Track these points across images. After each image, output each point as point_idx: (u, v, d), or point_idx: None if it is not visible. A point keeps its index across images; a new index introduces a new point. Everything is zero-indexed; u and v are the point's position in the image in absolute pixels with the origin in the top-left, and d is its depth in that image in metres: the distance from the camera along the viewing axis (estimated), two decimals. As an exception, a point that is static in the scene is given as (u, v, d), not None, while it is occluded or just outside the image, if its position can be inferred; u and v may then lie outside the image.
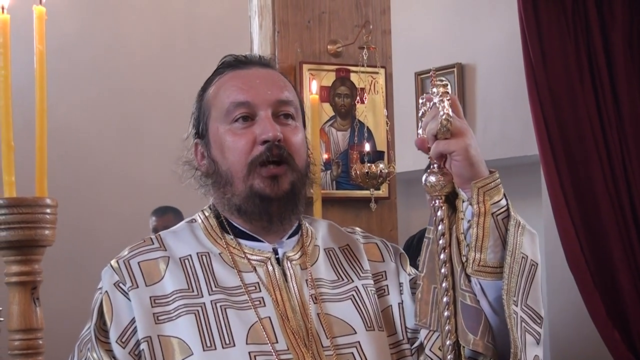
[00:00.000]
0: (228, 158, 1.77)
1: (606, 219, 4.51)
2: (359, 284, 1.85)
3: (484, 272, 1.67)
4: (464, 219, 1.70)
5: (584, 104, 4.61)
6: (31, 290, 1.56)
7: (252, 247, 1.81)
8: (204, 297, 1.72)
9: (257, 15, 4.02)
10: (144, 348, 1.67)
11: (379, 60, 4.02)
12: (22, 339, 1.57)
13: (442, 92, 1.64)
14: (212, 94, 1.83)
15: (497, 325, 1.70)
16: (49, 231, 1.55)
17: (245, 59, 1.88)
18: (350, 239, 1.95)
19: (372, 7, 4.09)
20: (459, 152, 1.63)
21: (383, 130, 4.03)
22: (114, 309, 1.71)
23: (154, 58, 6.43)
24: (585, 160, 4.57)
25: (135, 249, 1.79)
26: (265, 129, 1.74)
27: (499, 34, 5.52)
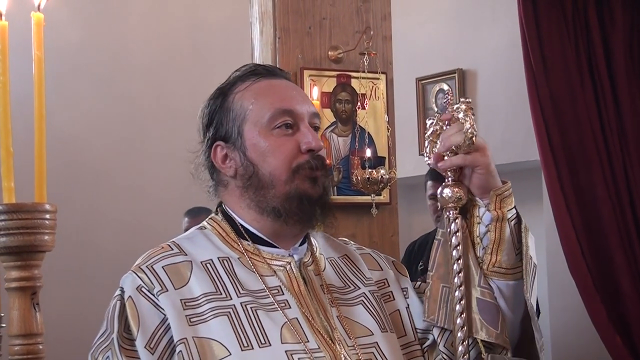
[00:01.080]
0: (271, 162, 1.81)
1: (607, 224, 4.51)
2: (365, 290, 1.92)
3: (499, 273, 1.85)
4: (480, 223, 1.85)
5: (585, 108, 4.61)
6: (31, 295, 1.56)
7: (270, 253, 1.85)
8: (233, 300, 1.75)
9: (258, 22, 4.04)
10: (181, 350, 1.68)
11: (380, 66, 4.04)
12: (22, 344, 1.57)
13: (466, 108, 1.78)
14: (248, 99, 1.86)
15: (511, 322, 1.87)
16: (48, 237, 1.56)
17: (273, 70, 1.95)
18: (346, 249, 2.02)
19: (373, 13, 4.11)
20: (483, 166, 1.80)
21: (384, 135, 4.04)
22: (140, 315, 1.72)
23: (156, 64, 6.44)
24: (586, 165, 4.57)
25: (155, 255, 1.82)
26: (311, 139, 1.82)
27: (500, 39, 5.53)
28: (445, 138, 1.80)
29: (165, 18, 6.55)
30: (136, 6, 6.47)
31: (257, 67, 1.94)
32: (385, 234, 4.09)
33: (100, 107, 6.20)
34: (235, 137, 1.86)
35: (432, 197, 4.52)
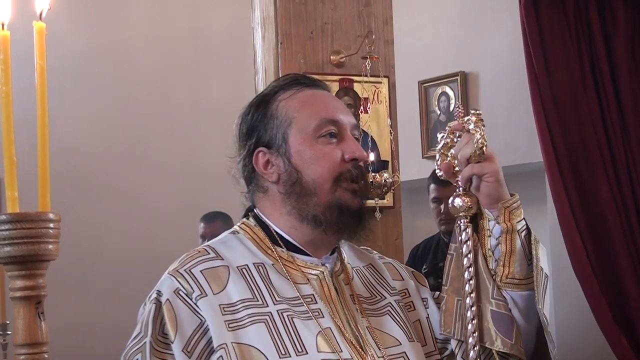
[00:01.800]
0: (315, 170, 1.85)
1: (612, 225, 4.50)
2: (391, 300, 1.96)
3: (512, 284, 1.89)
4: (491, 236, 1.90)
5: (588, 110, 4.60)
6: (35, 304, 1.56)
7: (304, 260, 1.88)
8: (270, 307, 1.78)
9: (260, 27, 4.04)
10: (221, 355, 1.70)
11: (382, 69, 4.04)
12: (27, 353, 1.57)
13: (477, 120, 1.84)
14: (294, 107, 1.90)
15: (525, 331, 1.90)
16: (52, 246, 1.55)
17: (314, 81, 2.00)
18: (371, 258, 2.06)
19: (375, 17, 4.11)
20: (491, 174, 1.84)
21: (387, 139, 4.04)
22: (178, 318, 1.74)
23: (158, 71, 6.45)
24: (589, 167, 4.56)
25: (193, 259, 1.84)
26: (355, 149, 1.88)
27: (502, 41, 5.53)
28: (456, 150, 1.86)
29: (167, 24, 6.56)
30: (138, 13, 6.49)
31: (299, 77, 1.99)
32: (389, 237, 4.09)
33: (103, 115, 6.21)
34: (280, 144, 1.89)
35: (435, 200, 4.52)
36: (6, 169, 1.48)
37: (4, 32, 1.46)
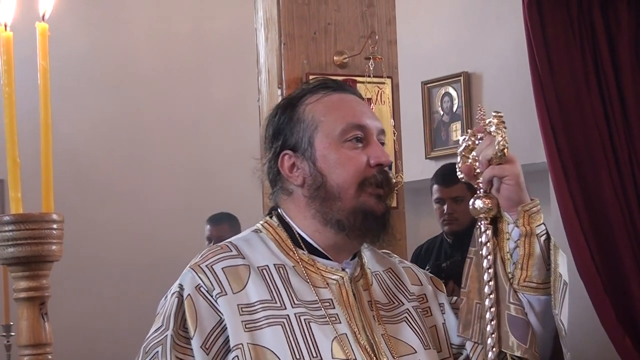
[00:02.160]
0: (340, 174, 1.87)
1: (615, 226, 4.49)
2: (409, 306, 1.98)
3: (529, 288, 1.89)
4: (509, 239, 1.91)
5: (591, 110, 4.60)
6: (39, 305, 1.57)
7: (325, 264, 1.90)
8: (287, 310, 1.80)
9: (263, 28, 4.04)
10: (237, 355, 1.73)
11: (385, 70, 4.03)
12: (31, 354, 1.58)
13: (498, 122, 1.86)
14: (321, 111, 1.91)
15: (542, 336, 1.91)
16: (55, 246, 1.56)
17: (342, 85, 2.02)
18: (390, 262, 2.07)
19: (378, 17, 4.11)
20: (512, 177, 1.85)
21: (390, 140, 4.03)
22: (198, 314, 1.76)
23: (160, 73, 6.46)
24: (593, 167, 4.56)
25: (216, 254, 1.85)
26: (380, 154, 1.89)
27: (505, 42, 5.52)
28: (477, 151, 1.88)
29: (170, 26, 6.57)
30: (141, 15, 6.50)
31: (327, 81, 2.00)
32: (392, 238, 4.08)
33: (106, 117, 6.23)
34: (305, 147, 1.90)
35: (437, 201, 4.52)
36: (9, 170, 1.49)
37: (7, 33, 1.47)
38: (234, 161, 6.23)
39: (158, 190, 6.32)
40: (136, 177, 6.30)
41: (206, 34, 6.67)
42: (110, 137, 6.25)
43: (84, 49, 6.20)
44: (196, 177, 6.40)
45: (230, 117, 6.37)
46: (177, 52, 6.56)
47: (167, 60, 6.51)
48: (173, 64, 6.52)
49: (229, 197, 6.06)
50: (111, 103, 6.29)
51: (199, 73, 6.58)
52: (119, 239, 6.10)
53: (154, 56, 6.48)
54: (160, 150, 6.39)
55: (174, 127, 6.45)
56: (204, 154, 6.38)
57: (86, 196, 6.03)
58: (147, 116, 6.39)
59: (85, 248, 5.81)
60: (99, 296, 5.89)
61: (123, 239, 6.09)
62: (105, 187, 6.17)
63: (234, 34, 6.36)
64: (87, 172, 6.09)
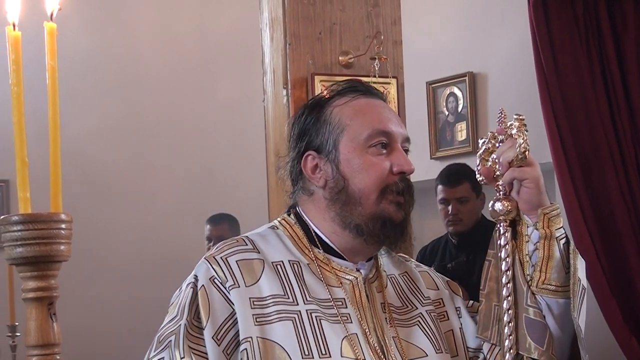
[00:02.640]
0: (362, 179, 1.86)
1: (621, 226, 4.49)
2: (422, 311, 1.97)
3: (547, 290, 1.88)
4: (529, 241, 1.91)
5: (597, 111, 4.59)
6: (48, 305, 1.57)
7: (340, 264, 1.90)
8: (299, 306, 1.80)
9: (268, 28, 4.04)
10: (246, 348, 1.73)
11: (391, 70, 4.03)
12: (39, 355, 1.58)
13: (520, 125, 1.87)
14: (348, 115, 1.91)
15: (560, 339, 1.90)
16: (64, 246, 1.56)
17: (371, 89, 2.00)
18: (407, 266, 2.07)
19: (383, 17, 4.10)
20: (532, 180, 1.85)
21: (395, 140, 4.03)
22: (211, 305, 1.77)
23: (165, 73, 6.46)
24: (599, 167, 4.55)
25: (231, 247, 1.86)
26: (403, 162, 1.88)
27: (511, 42, 5.51)
28: (498, 153, 1.88)
29: (175, 26, 6.57)
30: (145, 15, 6.50)
31: (357, 84, 1.99)
32: (398, 238, 4.08)
33: (110, 117, 6.23)
34: (330, 150, 1.90)
35: (442, 202, 4.51)
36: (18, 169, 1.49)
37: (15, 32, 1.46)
38: (239, 162, 6.24)
39: (163, 190, 6.33)
40: (141, 177, 6.31)
41: (211, 34, 6.67)
42: (115, 137, 6.25)
43: (89, 50, 6.20)
44: (201, 178, 6.40)
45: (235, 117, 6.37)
46: (182, 53, 6.56)
47: (172, 60, 6.51)
48: (178, 64, 6.52)
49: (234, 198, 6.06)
50: (116, 103, 6.29)
51: (204, 73, 6.58)
52: (124, 238, 6.10)
53: (158, 56, 6.48)
54: (166, 150, 6.39)
55: (179, 127, 6.45)
56: (209, 154, 6.38)
57: (91, 196, 6.03)
58: (152, 116, 6.39)
59: (91, 248, 5.81)
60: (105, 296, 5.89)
61: (129, 238, 6.09)
62: (110, 187, 6.18)
63: (239, 34, 6.36)
64: (92, 172, 6.10)
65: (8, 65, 1.44)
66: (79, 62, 6.04)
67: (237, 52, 6.43)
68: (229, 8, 6.65)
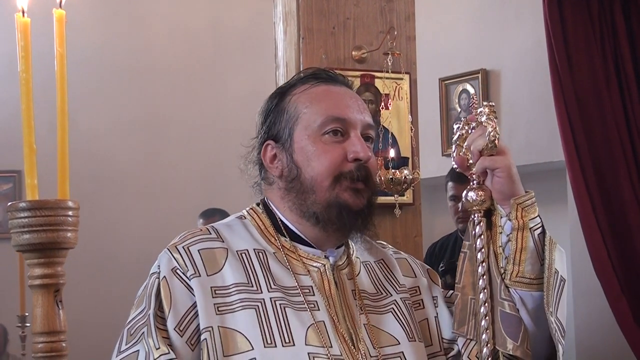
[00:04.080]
0: (315, 167, 1.81)
1: (633, 225, 4.47)
2: (397, 298, 1.92)
3: (521, 283, 1.81)
4: (502, 232, 1.83)
5: (611, 109, 4.57)
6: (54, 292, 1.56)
7: (307, 252, 1.86)
8: (263, 294, 1.76)
9: (282, 22, 4.03)
10: (205, 338, 1.70)
11: (404, 66, 4.02)
12: (45, 342, 1.57)
13: (489, 112, 1.78)
14: (303, 103, 1.87)
15: (534, 334, 1.82)
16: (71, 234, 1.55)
17: (333, 76, 1.94)
18: (383, 253, 2.02)
19: (397, 13, 4.09)
20: (503, 169, 1.77)
21: (407, 136, 4.02)
22: (172, 295, 1.73)
23: (178, 66, 6.47)
24: (612, 166, 4.53)
25: (193, 237, 1.82)
26: (358, 149, 1.82)
27: (525, 39, 5.50)
28: (469, 142, 1.80)
29: (188, 19, 6.58)
30: (159, 8, 6.51)
31: (319, 72, 1.95)
32: (408, 234, 4.07)
33: (122, 110, 6.25)
34: (286, 139, 1.86)
35: (452, 199, 4.50)
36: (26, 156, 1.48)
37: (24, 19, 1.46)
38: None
39: (174, 183, 6.34)
40: (152, 170, 6.32)
41: (225, 28, 6.67)
42: (127, 131, 6.27)
43: (102, 43, 6.21)
44: (212, 172, 6.41)
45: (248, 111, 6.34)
46: (195, 46, 6.56)
47: (185, 54, 6.51)
48: (191, 57, 6.52)
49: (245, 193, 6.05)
50: (128, 97, 6.30)
51: (217, 67, 6.59)
52: (134, 232, 6.12)
53: (171, 50, 6.49)
54: (177, 145, 6.40)
55: (191, 121, 6.46)
56: (221, 148, 6.38)
57: (102, 188, 6.05)
58: (164, 110, 6.40)
59: (100, 239, 5.84)
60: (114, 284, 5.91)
61: (138, 232, 6.11)
62: (121, 180, 6.20)
63: (252, 28, 6.36)
64: (104, 165, 6.12)
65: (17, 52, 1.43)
66: (92, 56, 6.05)
67: (250, 45, 6.43)
68: (243, 1, 6.64)
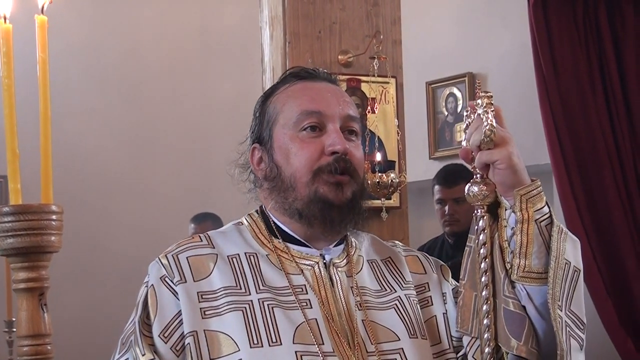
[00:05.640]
0: (293, 164, 1.81)
1: (618, 227, 4.49)
2: (401, 294, 1.89)
3: (529, 278, 1.73)
4: (507, 226, 1.76)
5: (596, 112, 4.60)
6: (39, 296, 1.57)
7: (300, 251, 1.85)
8: (252, 295, 1.76)
9: (268, 26, 4.04)
10: (189, 342, 1.70)
11: (390, 70, 4.03)
12: (30, 345, 1.57)
13: (487, 104, 1.71)
14: (281, 102, 1.87)
15: (543, 330, 1.75)
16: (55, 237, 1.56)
17: (314, 73, 1.93)
18: (391, 251, 1.99)
19: (383, 17, 4.11)
20: (502, 161, 1.70)
21: (394, 139, 4.03)
22: (159, 303, 1.74)
23: (166, 69, 6.46)
24: (597, 169, 4.56)
25: (184, 245, 1.83)
26: (335, 141, 1.80)
27: (510, 43, 5.52)
28: (467, 136, 1.75)
29: (175, 22, 6.58)
30: (146, 10, 6.50)
31: (298, 70, 1.94)
32: (395, 237, 4.05)
33: (110, 113, 6.24)
34: (267, 140, 1.87)
35: (439, 202, 4.51)
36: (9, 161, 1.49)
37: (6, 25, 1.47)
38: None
39: (163, 184, 6.33)
40: (141, 172, 6.31)
41: (211, 32, 6.67)
42: (115, 132, 6.26)
43: (89, 47, 6.21)
44: (201, 173, 6.41)
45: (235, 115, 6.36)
46: (182, 50, 6.56)
47: (172, 58, 6.51)
48: (178, 61, 6.52)
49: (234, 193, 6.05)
50: (116, 100, 6.30)
51: (204, 70, 6.59)
52: (124, 233, 6.11)
53: (158, 53, 6.48)
54: (165, 145, 6.40)
55: (178, 123, 6.46)
56: (209, 150, 6.38)
57: (91, 190, 6.05)
58: (151, 113, 6.40)
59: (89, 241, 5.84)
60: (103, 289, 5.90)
61: (128, 233, 6.10)
62: (110, 181, 6.19)
63: (239, 32, 6.36)
64: (92, 167, 6.11)
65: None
66: (79, 59, 6.05)
67: (237, 49, 6.44)
68: (229, 6, 6.65)
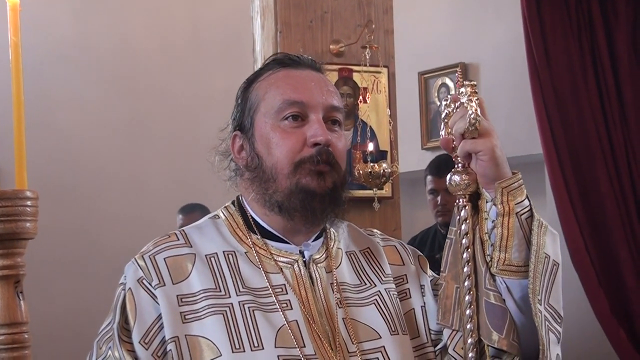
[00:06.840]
0: (274, 154, 1.76)
1: (611, 218, 4.49)
2: (381, 288, 1.85)
3: (509, 271, 1.71)
4: (487, 218, 1.73)
5: (588, 103, 4.59)
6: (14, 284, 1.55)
7: (279, 249, 1.80)
8: (232, 298, 1.71)
9: (260, 16, 4.02)
10: (171, 349, 1.66)
11: (382, 59, 4.01)
12: (7, 333, 1.55)
13: (471, 92, 1.68)
14: (263, 89, 1.82)
15: (523, 323, 1.73)
16: (30, 224, 1.53)
17: (298, 60, 1.87)
18: (370, 241, 1.95)
19: (375, 6, 4.09)
20: (485, 152, 1.67)
21: (386, 129, 4.02)
22: (138, 307, 1.70)
23: (157, 59, 6.44)
24: (589, 159, 4.55)
25: (160, 244, 1.78)
26: (317, 132, 1.75)
27: (503, 33, 5.51)
28: (451, 124, 1.72)
29: (166, 13, 6.55)
30: (136, 3, 6.47)
31: (282, 57, 1.89)
32: (387, 228, 4.06)
33: (101, 104, 6.22)
34: (248, 128, 1.82)
35: (431, 192, 4.50)
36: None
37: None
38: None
39: (154, 177, 6.31)
40: (132, 165, 6.29)
41: (202, 21, 6.65)
42: (107, 124, 6.23)
43: (79, 38, 6.18)
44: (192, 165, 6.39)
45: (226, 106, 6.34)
46: (173, 40, 6.54)
47: (163, 48, 6.49)
48: (169, 51, 6.50)
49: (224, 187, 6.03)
50: (107, 92, 6.27)
51: (195, 60, 6.56)
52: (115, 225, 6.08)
53: (149, 43, 6.46)
54: (157, 137, 6.38)
55: (169, 112, 6.44)
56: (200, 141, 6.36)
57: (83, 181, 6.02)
58: (142, 104, 6.38)
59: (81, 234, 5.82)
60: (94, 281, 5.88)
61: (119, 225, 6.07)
62: (102, 173, 6.16)
63: (230, 22, 6.34)
64: (85, 159, 6.08)
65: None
66: (70, 50, 6.02)
67: (228, 39, 6.41)
68: (221, -4, 6.63)
